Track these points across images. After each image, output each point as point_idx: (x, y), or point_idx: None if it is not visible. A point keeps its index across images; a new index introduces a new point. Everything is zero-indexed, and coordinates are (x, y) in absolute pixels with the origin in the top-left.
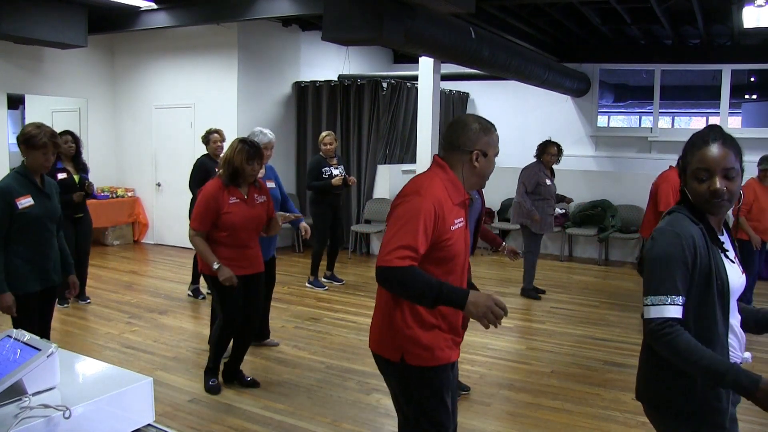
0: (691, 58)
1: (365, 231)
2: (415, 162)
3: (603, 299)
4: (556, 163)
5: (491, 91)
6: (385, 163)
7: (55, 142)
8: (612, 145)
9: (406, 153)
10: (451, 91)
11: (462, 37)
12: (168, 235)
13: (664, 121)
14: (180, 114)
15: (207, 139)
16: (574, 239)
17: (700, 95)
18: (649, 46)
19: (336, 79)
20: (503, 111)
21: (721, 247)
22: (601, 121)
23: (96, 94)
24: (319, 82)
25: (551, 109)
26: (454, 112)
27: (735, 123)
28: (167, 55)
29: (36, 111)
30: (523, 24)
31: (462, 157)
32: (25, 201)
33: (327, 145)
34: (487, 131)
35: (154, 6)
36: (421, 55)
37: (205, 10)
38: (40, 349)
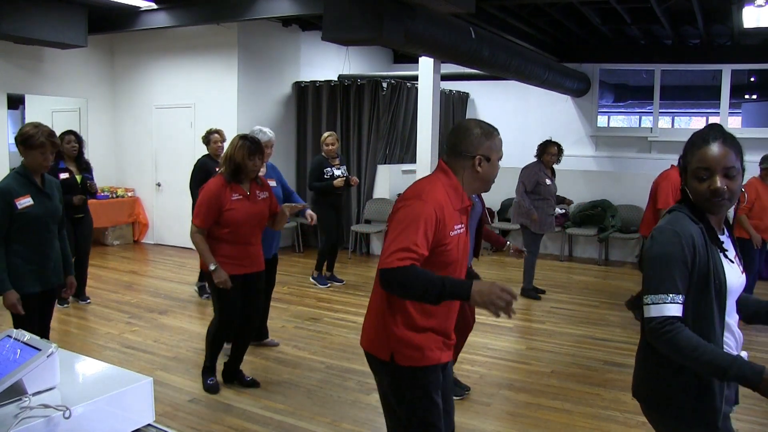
0: (691, 58)
1: (365, 231)
2: (415, 162)
3: (603, 299)
4: (557, 163)
5: (491, 91)
6: (385, 163)
7: (53, 141)
8: (612, 145)
9: (406, 153)
10: (451, 91)
11: (462, 37)
12: (168, 235)
13: (664, 121)
14: (180, 114)
15: (207, 140)
16: (574, 239)
17: (700, 95)
18: (649, 46)
19: (336, 79)
20: (503, 111)
21: (720, 246)
22: (601, 121)
23: (96, 94)
24: (319, 82)
25: (551, 109)
26: (454, 112)
27: (735, 123)
28: (167, 55)
29: (36, 111)
30: (523, 24)
31: (465, 163)
32: (25, 201)
33: (329, 145)
34: (489, 136)
35: (154, 6)
36: (421, 55)
37: (205, 10)
38: (40, 349)
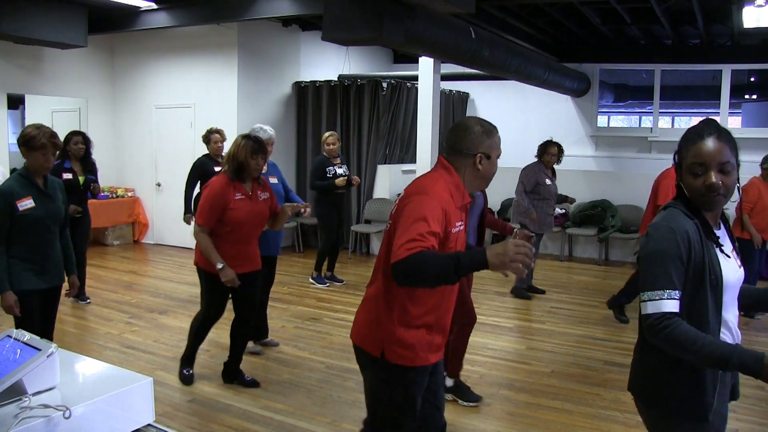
0: (691, 58)
1: (365, 231)
2: (415, 162)
3: (603, 299)
4: (557, 164)
5: (491, 91)
6: (385, 163)
7: (55, 142)
8: (612, 145)
9: (406, 153)
10: (451, 91)
11: (462, 37)
12: (168, 235)
13: (664, 121)
14: (180, 114)
15: (208, 139)
16: (574, 239)
17: (700, 95)
18: (649, 46)
19: (336, 79)
20: (503, 111)
21: (716, 242)
22: (601, 121)
23: (96, 94)
24: (319, 82)
25: (551, 109)
26: (454, 112)
27: (735, 123)
28: (167, 55)
29: (36, 111)
30: (523, 24)
31: (465, 161)
32: (26, 203)
33: (330, 145)
34: (489, 134)
35: (154, 6)
36: (421, 55)
37: (205, 10)
38: (40, 349)
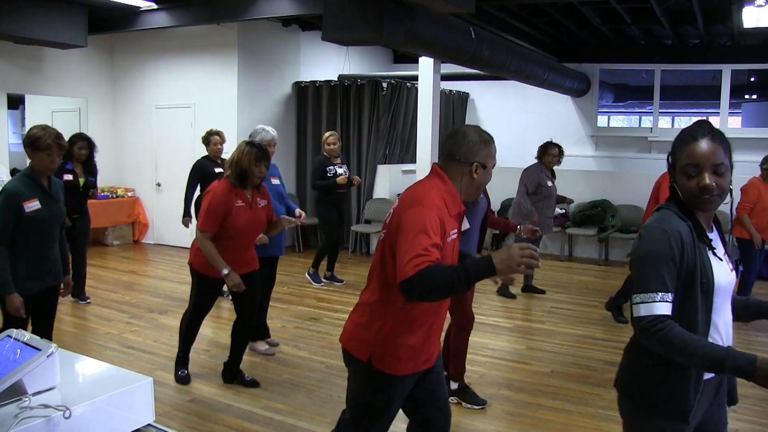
0: (691, 58)
1: (365, 231)
2: (415, 162)
3: (603, 299)
4: (558, 164)
5: (491, 91)
6: (385, 163)
7: (60, 143)
8: (612, 145)
9: (406, 153)
10: (451, 91)
11: (462, 37)
12: (168, 235)
13: (664, 121)
14: (180, 114)
15: (207, 141)
16: (574, 239)
17: (700, 95)
18: (649, 46)
19: (336, 79)
20: (503, 111)
21: (708, 244)
22: (601, 121)
23: (96, 94)
24: (319, 82)
25: (551, 109)
26: (454, 112)
27: (735, 123)
28: (167, 55)
29: (36, 111)
30: (523, 24)
31: (461, 169)
32: (33, 205)
33: (330, 144)
34: (486, 143)
35: (154, 6)
36: (421, 55)
37: (205, 10)
38: (40, 349)
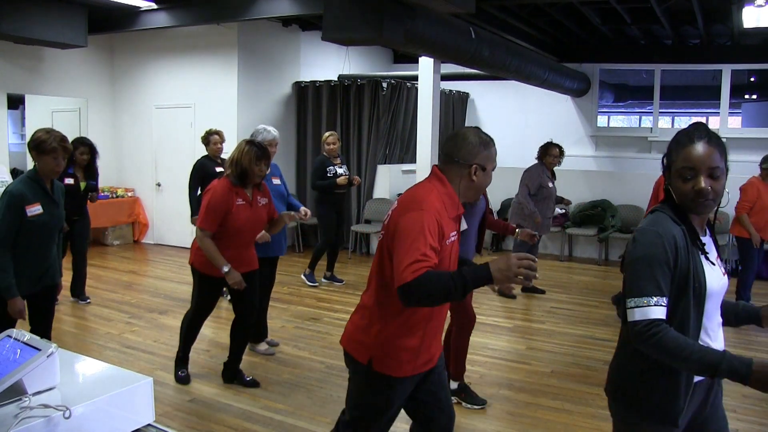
0: (691, 58)
1: (365, 231)
2: (415, 162)
3: (603, 299)
4: (558, 165)
5: (491, 91)
6: (385, 163)
7: (65, 146)
8: (612, 145)
9: (406, 153)
10: (451, 91)
11: (462, 37)
12: (168, 235)
13: (664, 121)
14: (180, 114)
15: (207, 140)
16: (574, 239)
17: (700, 95)
18: (649, 46)
19: (336, 79)
20: (503, 111)
21: (701, 249)
22: (601, 121)
23: (96, 94)
24: (319, 82)
25: (551, 109)
26: (454, 112)
27: (735, 123)
28: (167, 55)
29: (36, 111)
30: (523, 24)
31: (461, 171)
32: (35, 209)
33: (330, 145)
34: (486, 145)
35: (154, 6)
36: (421, 55)
37: (205, 10)
38: (40, 349)
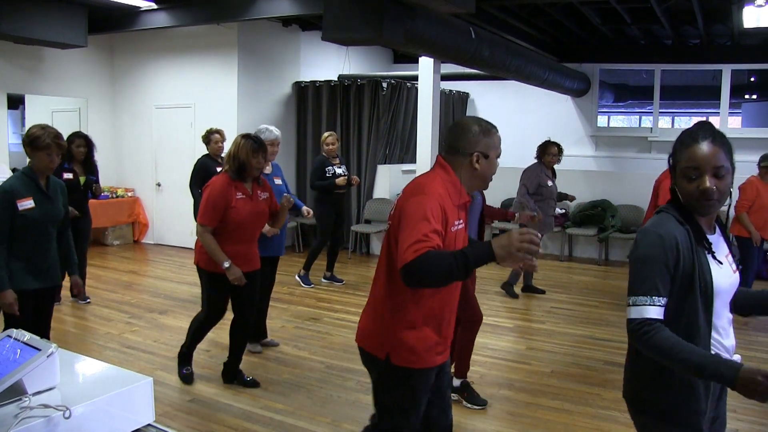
0: (691, 58)
1: (365, 231)
2: (415, 162)
3: (603, 299)
4: (557, 163)
5: (491, 91)
6: (385, 163)
7: (60, 143)
8: (612, 145)
9: (406, 153)
10: (451, 91)
11: (462, 37)
12: (168, 235)
13: (664, 121)
14: (180, 114)
15: (208, 139)
16: (574, 239)
17: (700, 95)
18: (649, 46)
19: (336, 79)
20: (503, 111)
21: (708, 248)
22: (601, 121)
23: (96, 94)
24: (319, 82)
25: (551, 109)
26: (454, 112)
27: (735, 123)
28: (167, 55)
29: (36, 111)
30: (523, 24)
31: (463, 160)
32: (26, 203)
33: (329, 145)
34: (487, 133)
35: (154, 6)
36: (421, 55)
37: (205, 10)
38: (40, 349)
